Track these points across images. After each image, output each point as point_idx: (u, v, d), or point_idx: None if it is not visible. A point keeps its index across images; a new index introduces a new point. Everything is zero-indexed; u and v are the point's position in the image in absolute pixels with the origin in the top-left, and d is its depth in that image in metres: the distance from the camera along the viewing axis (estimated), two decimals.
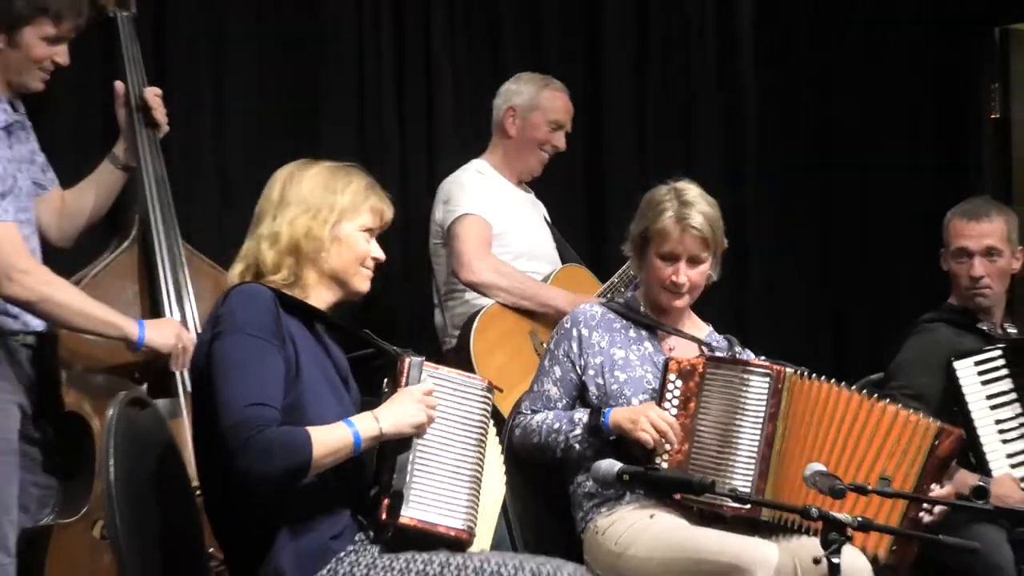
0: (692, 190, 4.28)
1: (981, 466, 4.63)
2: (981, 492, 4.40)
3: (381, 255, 3.65)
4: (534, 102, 5.45)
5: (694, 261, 4.23)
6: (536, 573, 3.40)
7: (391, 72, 5.93)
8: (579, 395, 4.25)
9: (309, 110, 5.69)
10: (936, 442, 4.10)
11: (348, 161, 3.72)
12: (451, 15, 6.09)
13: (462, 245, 5.24)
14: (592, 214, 6.33)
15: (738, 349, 4.41)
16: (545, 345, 5.05)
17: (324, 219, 3.55)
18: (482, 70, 6.14)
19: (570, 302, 5.15)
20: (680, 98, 6.71)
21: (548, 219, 5.61)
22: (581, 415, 4.15)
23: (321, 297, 3.60)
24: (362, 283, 3.64)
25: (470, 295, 5.26)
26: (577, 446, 4.12)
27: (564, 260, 5.52)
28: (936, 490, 4.11)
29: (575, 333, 4.27)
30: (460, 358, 5.09)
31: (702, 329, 4.43)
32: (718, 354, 4.29)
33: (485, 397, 3.65)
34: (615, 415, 4.10)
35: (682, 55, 6.71)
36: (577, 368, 4.24)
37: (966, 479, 4.48)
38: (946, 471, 4.17)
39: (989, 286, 4.84)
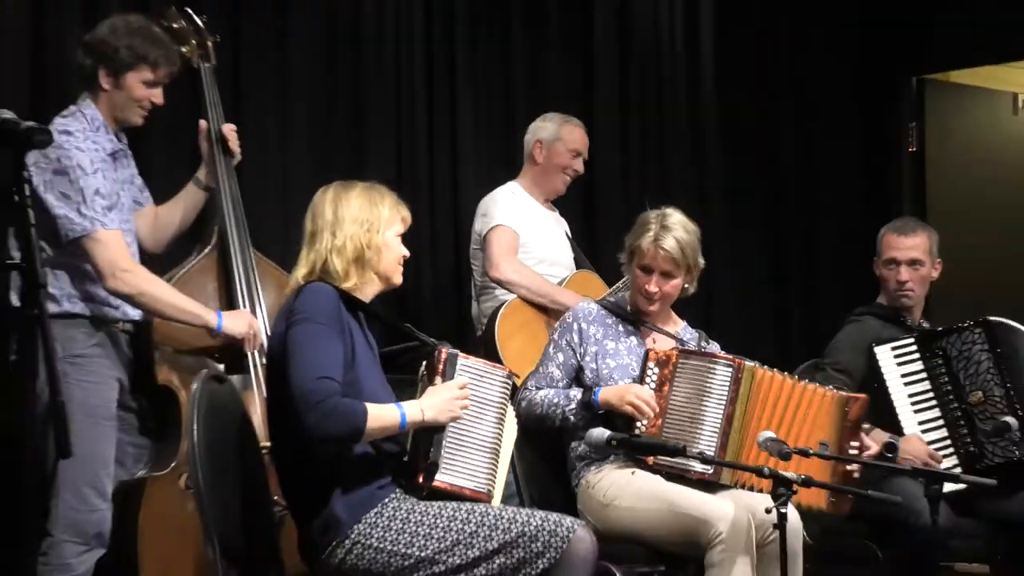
0: (675, 216, 4.28)
1: (897, 431, 4.62)
2: (891, 447, 4.41)
3: (407, 252, 3.67)
4: (557, 135, 5.46)
5: (666, 275, 4.23)
6: (544, 518, 3.41)
7: (423, 109, 5.90)
8: (576, 376, 4.24)
9: (355, 145, 5.66)
10: (846, 408, 4.15)
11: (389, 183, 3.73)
12: (472, 60, 6.05)
13: (493, 249, 5.24)
14: (585, 226, 6.30)
15: (704, 344, 4.40)
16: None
17: (377, 230, 3.56)
18: (495, 108, 6.12)
19: (576, 301, 5.13)
20: (655, 133, 6.66)
21: (569, 233, 5.62)
22: (576, 393, 4.15)
23: (371, 291, 3.62)
24: (399, 277, 3.67)
25: (499, 291, 5.26)
26: (572, 418, 4.12)
27: (579, 267, 5.51)
28: (855, 445, 4.15)
29: (576, 327, 4.26)
30: (487, 340, 5.13)
31: (677, 324, 4.41)
32: (689, 347, 4.27)
33: (505, 383, 3.67)
34: (604, 393, 4.09)
35: (655, 100, 6.66)
36: (577, 355, 4.23)
37: (881, 437, 4.49)
38: (860, 429, 4.21)
39: (912, 290, 4.83)
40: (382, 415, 3.38)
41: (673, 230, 4.22)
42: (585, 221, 6.25)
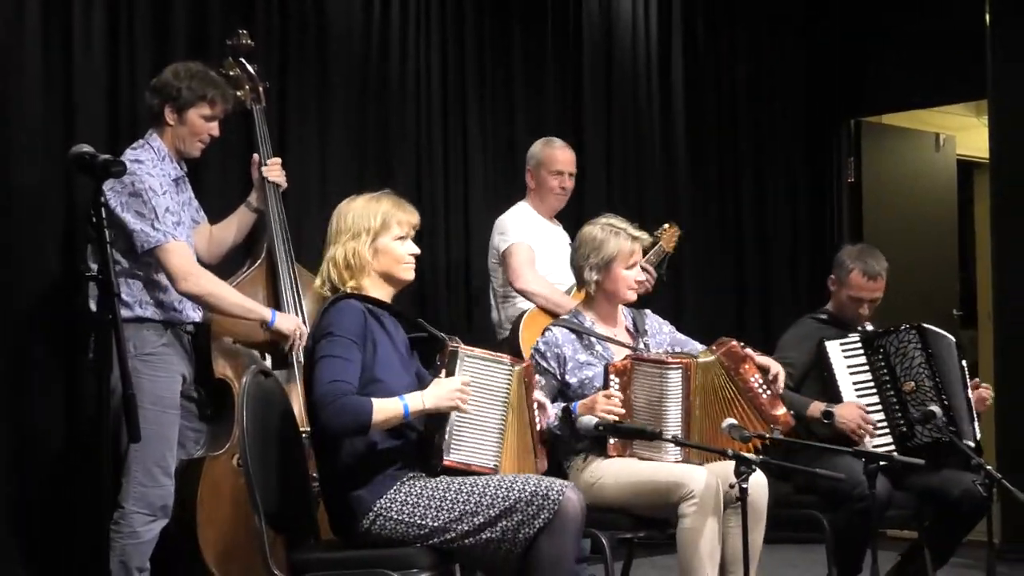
0: (613, 218, 4.22)
1: None
2: (828, 414, 4.38)
3: (416, 250, 3.58)
4: (540, 159, 5.33)
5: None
6: (537, 483, 3.35)
7: (439, 138, 5.86)
8: (561, 391, 4.13)
9: (383, 171, 5.62)
10: (722, 360, 4.03)
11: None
12: (480, 94, 6.01)
13: (515, 262, 5.12)
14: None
15: (644, 321, 4.32)
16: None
17: (363, 240, 3.50)
18: (500, 133, 6.06)
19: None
20: (633, 157, 6.62)
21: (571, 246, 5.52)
22: (556, 410, 4.00)
23: (382, 291, 3.55)
24: (405, 274, 3.58)
25: (519, 300, 5.14)
26: (556, 431, 3.99)
27: None
28: (756, 376, 4.00)
29: (551, 354, 4.12)
30: (511, 342, 5.01)
31: (622, 319, 4.31)
32: (639, 353, 4.13)
33: (508, 370, 3.58)
34: (580, 406, 3.97)
35: (633, 129, 6.62)
36: (557, 376, 4.11)
37: (819, 407, 4.45)
38: (744, 362, 4.03)
39: (867, 320, 4.80)
40: (386, 408, 3.32)
41: (628, 226, 4.17)
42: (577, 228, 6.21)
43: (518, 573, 3.35)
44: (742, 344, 4.10)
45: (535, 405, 3.71)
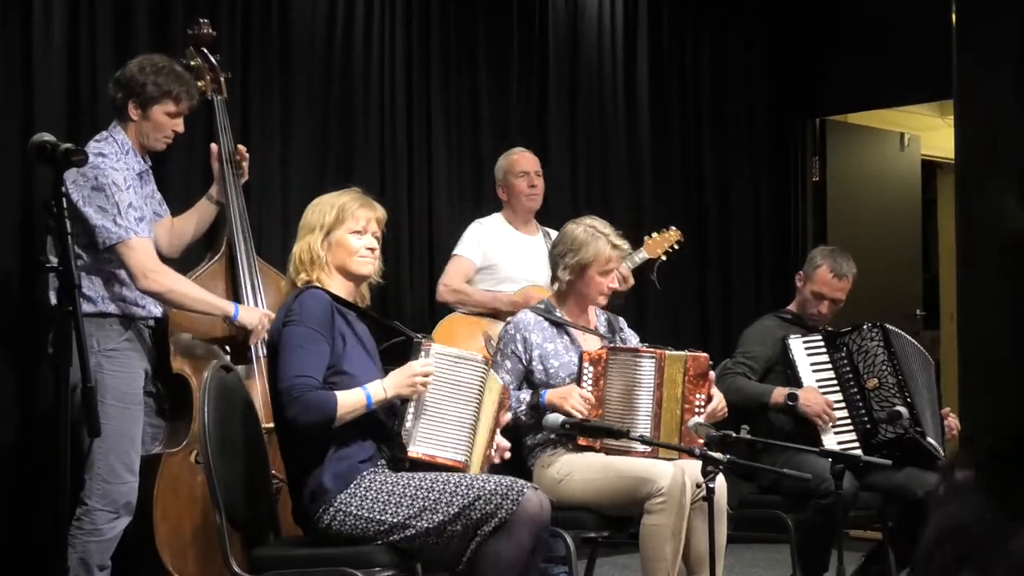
0: (597, 222, 4.22)
1: None
2: (792, 397, 4.40)
3: (372, 244, 3.55)
4: (504, 169, 5.38)
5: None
6: (498, 481, 3.35)
7: (404, 139, 5.84)
8: (526, 378, 4.15)
9: (345, 166, 5.60)
10: (686, 366, 4.07)
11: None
12: (445, 102, 5.98)
13: (442, 276, 5.25)
14: None
15: (619, 325, 4.34)
16: (495, 340, 5.01)
17: (317, 235, 3.50)
18: (464, 142, 6.04)
19: (507, 302, 5.10)
20: (597, 153, 6.62)
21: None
22: (525, 395, 4.06)
23: (340, 285, 3.53)
24: (360, 268, 3.56)
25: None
26: (523, 418, 4.03)
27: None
28: (700, 398, 4.04)
29: (519, 337, 4.15)
30: None
31: (594, 318, 4.31)
32: (614, 344, 4.19)
33: (480, 367, 3.58)
34: (549, 395, 4.01)
35: (598, 129, 6.63)
36: (523, 361, 4.13)
37: (782, 392, 4.47)
38: (703, 383, 4.07)
39: (825, 319, 4.83)
40: (350, 400, 3.34)
41: (612, 232, 4.18)
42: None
43: (473, 569, 3.34)
44: (712, 365, 4.15)
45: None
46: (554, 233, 5.39)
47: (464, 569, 3.35)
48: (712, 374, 4.13)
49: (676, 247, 5.59)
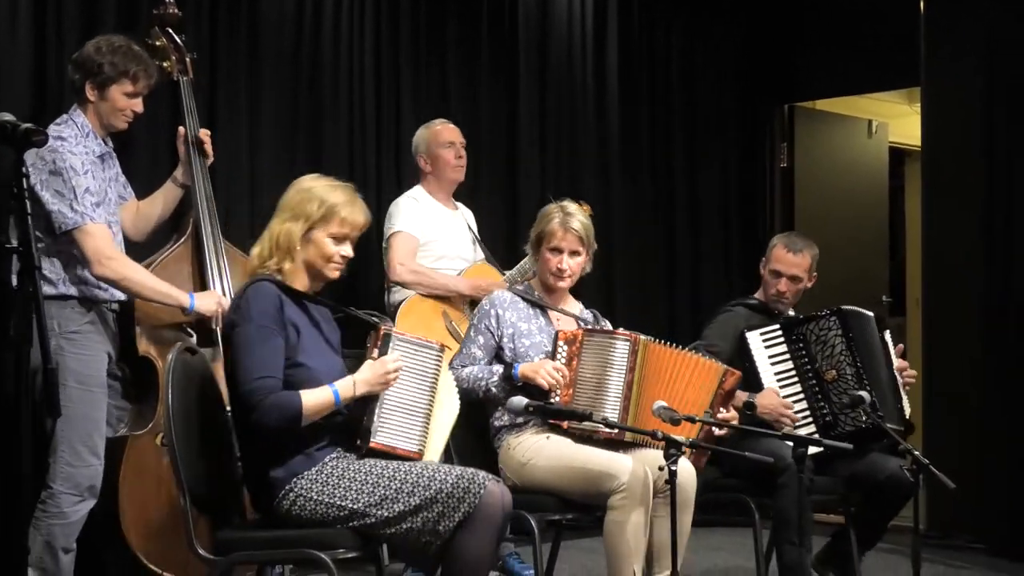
0: (572, 206, 4.24)
1: None
2: (750, 405, 4.42)
3: (348, 253, 3.52)
4: (427, 139, 5.29)
5: (573, 254, 4.18)
6: (459, 475, 3.34)
7: (372, 117, 5.84)
8: (496, 355, 4.17)
9: (314, 148, 5.60)
10: (723, 379, 4.17)
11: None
12: (415, 77, 5.98)
13: (392, 254, 5.13)
14: (508, 220, 6.28)
15: (602, 323, 4.37)
16: (455, 322, 5.00)
17: (300, 225, 3.45)
18: (434, 113, 5.89)
19: (469, 286, 5.10)
20: (567, 141, 6.64)
21: (472, 226, 5.44)
22: (497, 368, 4.09)
23: (302, 281, 3.50)
24: (330, 273, 3.53)
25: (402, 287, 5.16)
26: (494, 389, 4.06)
27: (484, 256, 5.37)
28: (724, 412, 4.14)
29: (493, 312, 4.18)
30: None
31: (576, 306, 4.36)
32: (591, 327, 4.24)
33: (437, 356, 3.60)
34: (522, 368, 4.04)
35: (568, 113, 6.65)
36: (495, 337, 4.16)
37: (742, 397, 4.48)
38: (732, 398, 4.22)
39: (787, 299, 4.83)
40: (316, 399, 3.32)
41: (575, 215, 4.19)
42: (509, 223, 6.22)
43: (439, 563, 3.35)
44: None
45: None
46: (469, 213, 5.44)
47: (431, 564, 3.36)
48: (739, 394, 4.26)
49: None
